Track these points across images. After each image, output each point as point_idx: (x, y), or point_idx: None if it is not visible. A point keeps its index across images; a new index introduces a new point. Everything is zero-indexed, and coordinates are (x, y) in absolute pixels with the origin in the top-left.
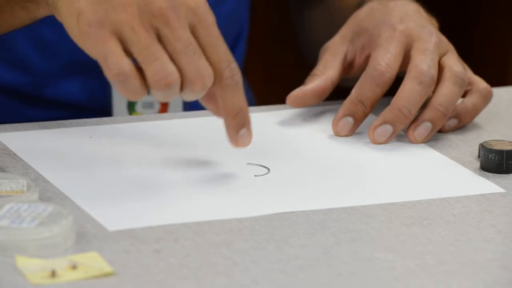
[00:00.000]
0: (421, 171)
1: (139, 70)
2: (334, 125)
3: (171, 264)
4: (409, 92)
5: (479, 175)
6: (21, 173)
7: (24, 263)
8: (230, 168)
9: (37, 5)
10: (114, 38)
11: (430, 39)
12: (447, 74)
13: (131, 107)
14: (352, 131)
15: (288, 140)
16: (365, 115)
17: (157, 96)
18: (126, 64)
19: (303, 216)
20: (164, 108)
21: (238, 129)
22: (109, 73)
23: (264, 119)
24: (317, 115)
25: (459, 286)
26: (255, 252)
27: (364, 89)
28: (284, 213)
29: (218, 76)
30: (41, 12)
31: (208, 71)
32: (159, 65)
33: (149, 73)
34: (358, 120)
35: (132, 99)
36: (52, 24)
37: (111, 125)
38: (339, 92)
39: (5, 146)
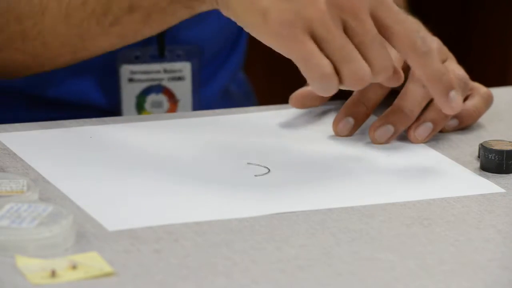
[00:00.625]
0: (421, 171)
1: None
2: (335, 125)
3: (171, 264)
4: (412, 93)
5: (479, 175)
6: (21, 173)
7: (24, 263)
8: (230, 168)
9: (202, 3)
10: (309, 38)
11: (432, 43)
12: None
13: (140, 107)
14: (353, 132)
15: (289, 140)
16: (366, 116)
17: (328, 87)
18: (328, 66)
19: (303, 216)
20: (173, 108)
21: (447, 93)
22: (311, 75)
23: (265, 119)
24: (318, 115)
25: (459, 286)
26: (255, 252)
27: (367, 90)
28: (284, 213)
29: (411, 47)
30: (203, 8)
31: (391, 62)
32: (356, 66)
33: (346, 72)
34: (359, 121)
35: (326, 95)
36: None
37: (111, 125)
38: (340, 92)
39: (5, 146)
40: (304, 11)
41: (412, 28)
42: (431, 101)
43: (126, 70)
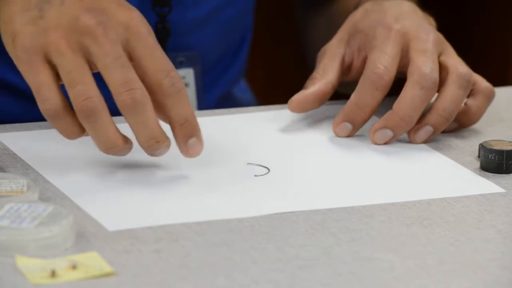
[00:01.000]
0: (421, 171)
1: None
2: (334, 128)
3: (171, 264)
4: (411, 98)
5: (479, 175)
6: (21, 173)
7: (24, 263)
8: (230, 168)
9: None
10: (46, 66)
11: (427, 37)
12: (452, 76)
13: None
14: (352, 134)
15: (289, 140)
16: (364, 122)
17: (87, 129)
18: (57, 99)
19: (303, 216)
20: None
21: (186, 139)
22: (40, 108)
23: (265, 119)
24: (318, 115)
25: (459, 286)
26: (255, 252)
27: (364, 95)
28: (284, 213)
29: (158, 86)
30: None
31: (138, 83)
32: (80, 88)
33: (71, 96)
34: (357, 126)
35: (68, 138)
36: None
37: None
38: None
39: (5, 146)
40: (44, 37)
41: (162, 66)
42: (433, 103)
43: None
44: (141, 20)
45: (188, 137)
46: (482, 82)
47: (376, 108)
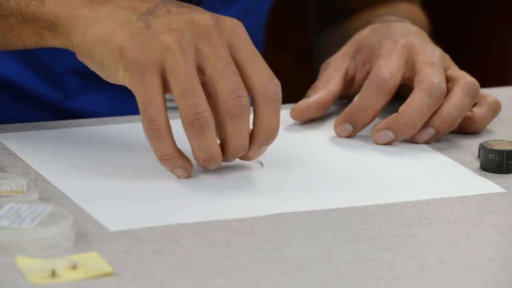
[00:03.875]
0: (421, 171)
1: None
2: (335, 128)
3: (171, 264)
4: (418, 104)
5: (479, 175)
6: (21, 173)
7: (24, 263)
8: (230, 168)
9: (55, 36)
10: (157, 80)
11: (433, 53)
12: (460, 83)
13: None
14: (352, 135)
15: (289, 140)
16: (366, 125)
17: (191, 140)
18: (162, 121)
19: (303, 216)
20: None
21: (262, 147)
22: (144, 125)
23: None
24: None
25: (459, 286)
26: (255, 252)
27: (368, 97)
28: (284, 213)
29: (261, 91)
30: (55, 43)
31: (245, 93)
32: (194, 101)
33: (182, 107)
34: (358, 129)
35: (160, 159)
36: None
37: (112, 125)
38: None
39: (5, 146)
40: (157, 44)
41: (268, 72)
42: (439, 107)
43: None
44: (243, 26)
45: (266, 145)
46: (488, 96)
47: (379, 112)
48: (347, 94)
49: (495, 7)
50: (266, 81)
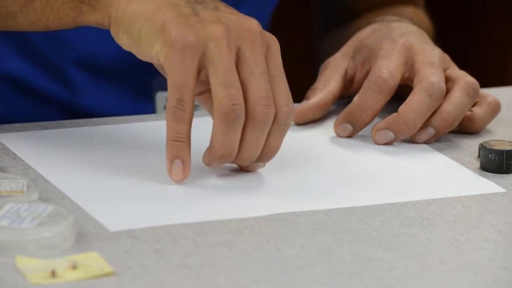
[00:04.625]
0: (421, 171)
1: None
2: (334, 127)
3: (171, 264)
4: (417, 104)
5: (479, 175)
6: (21, 173)
7: (24, 263)
8: (230, 168)
9: (93, 10)
10: (195, 65)
11: (433, 53)
12: (460, 83)
13: None
14: (352, 135)
15: (289, 140)
16: (365, 125)
17: (217, 131)
18: (189, 107)
19: (303, 216)
20: None
21: (261, 163)
22: (171, 103)
23: None
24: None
25: (459, 286)
26: (255, 252)
27: (367, 97)
28: (284, 213)
29: (276, 111)
30: (92, 18)
31: (273, 105)
32: (234, 91)
33: (220, 96)
34: (358, 129)
35: (172, 139)
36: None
37: (112, 125)
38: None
39: (5, 146)
40: (203, 30)
41: (287, 94)
42: (439, 106)
43: (162, 97)
44: (278, 44)
45: (262, 163)
46: (488, 96)
47: (378, 112)
48: (347, 94)
49: (495, 7)
50: (284, 103)
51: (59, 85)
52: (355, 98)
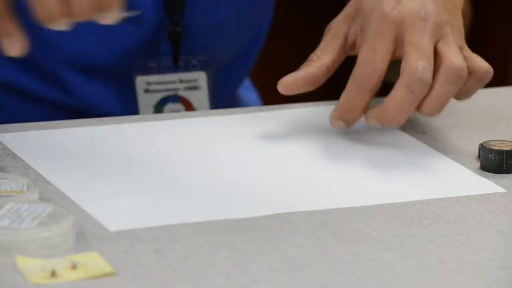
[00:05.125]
0: (421, 171)
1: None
2: (330, 122)
3: (171, 264)
4: (399, 102)
5: (479, 175)
6: (21, 173)
7: (24, 263)
8: (230, 168)
9: None
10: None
11: (425, 26)
12: (442, 70)
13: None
14: (348, 127)
15: (289, 140)
16: (357, 119)
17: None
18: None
19: (303, 216)
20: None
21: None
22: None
23: (265, 119)
24: (319, 115)
25: (459, 286)
26: (255, 252)
27: (352, 98)
28: (284, 213)
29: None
30: None
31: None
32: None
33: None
34: (351, 123)
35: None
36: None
37: (111, 125)
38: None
39: (5, 146)
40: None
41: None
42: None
43: (142, 81)
44: None
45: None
46: (478, 63)
47: (367, 106)
48: (351, 54)
49: (495, 7)
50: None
51: (54, 88)
52: (341, 98)
